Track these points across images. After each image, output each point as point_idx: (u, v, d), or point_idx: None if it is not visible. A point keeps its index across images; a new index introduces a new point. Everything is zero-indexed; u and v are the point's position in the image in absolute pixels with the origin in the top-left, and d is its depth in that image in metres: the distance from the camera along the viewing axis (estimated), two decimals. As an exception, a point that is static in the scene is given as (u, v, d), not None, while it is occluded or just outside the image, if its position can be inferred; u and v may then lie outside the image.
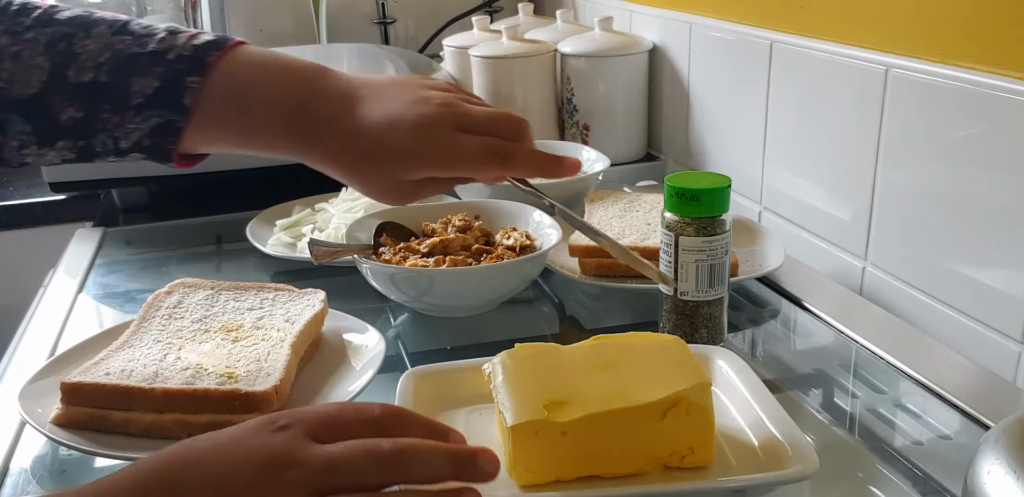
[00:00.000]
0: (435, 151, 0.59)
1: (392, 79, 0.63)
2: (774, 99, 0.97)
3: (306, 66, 0.63)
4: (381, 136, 0.59)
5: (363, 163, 0.60)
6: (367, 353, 0.70)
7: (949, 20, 0.74)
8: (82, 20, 0.61)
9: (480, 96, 1.24)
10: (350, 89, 0.62)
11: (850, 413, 0.68)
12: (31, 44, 0.60)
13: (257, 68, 0.61)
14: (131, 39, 0.60)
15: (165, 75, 0.59)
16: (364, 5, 1.65)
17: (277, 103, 0.60)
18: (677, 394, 0.54)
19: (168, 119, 0.59)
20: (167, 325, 0.71)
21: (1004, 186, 0.70)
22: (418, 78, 0.64)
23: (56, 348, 0.79)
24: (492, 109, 0.62)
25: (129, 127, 0.60)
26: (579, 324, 0.86)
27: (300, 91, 0.61)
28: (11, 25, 0.60)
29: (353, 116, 0.60)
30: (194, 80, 0.59)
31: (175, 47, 0.60)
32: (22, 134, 0.60)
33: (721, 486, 0.54)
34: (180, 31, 0.62)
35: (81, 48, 0.60)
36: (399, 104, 0.60)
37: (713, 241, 0.68)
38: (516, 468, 0.54)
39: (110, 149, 0.61)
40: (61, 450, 0.65)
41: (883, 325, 0.78)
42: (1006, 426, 0.47)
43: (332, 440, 0.45)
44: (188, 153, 0.63)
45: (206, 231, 1.08)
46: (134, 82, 0.59)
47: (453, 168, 0.60)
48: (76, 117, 0.59)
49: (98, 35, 0.60)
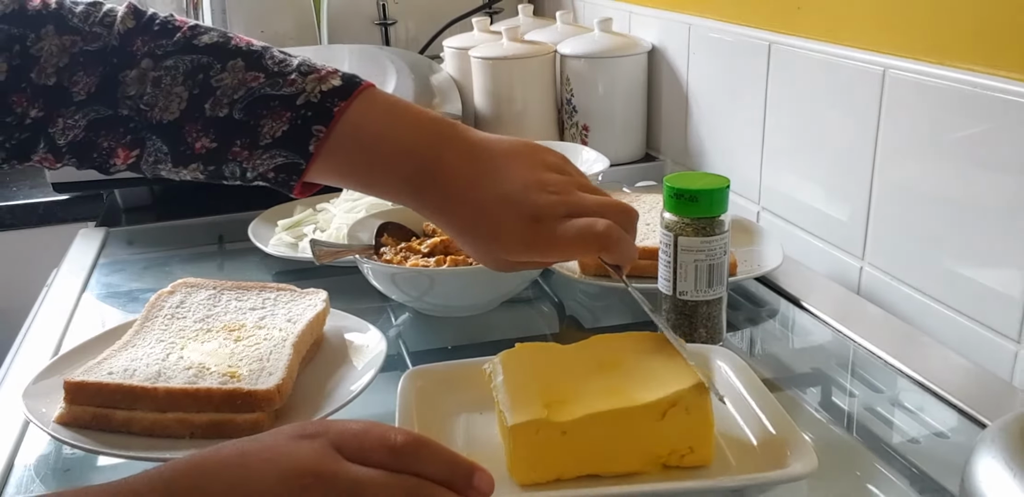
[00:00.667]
0: (541, 242, 0.61)
1: (513, 147, 0.64)
2: (772, 100, 0.98)
3: (432, 123, 0.64)
4: (494, 216, 0.61)
5: (471, 234, 0.62)
6: (368, 353, 0.71)
7: (947, 21, 0.74)
8: (220, 49, 0.63)
9: (480, 96, 1.25)
10: (473, 156, 0.62)
11: (848, 412, 0.69)
12: (171, 72, 0.62)
13: (383, 120, 0.63)
14: (264, 78, 0.62)
15: (293, 120, 0.62)
16: (365, 6, 1.65)
17: (400, 160, 0.62)
18: (676, 393, 0.55)
19: (293, 161, 0.62)
20: (170, 325, 0.71)
21: (1001, 186, 0.70)
22: (537, 150, 0.65)
23: (59, 348, 0.80)
24: (603, 198, 0.63)
25: (257, 162, 0.62)
26: (579, 324, 0.86)
27: (423, 152, 0.62)
28: (154, 48, 0.63)
29: (474, 189, 0.61)
30: (319, 129, 0.61)
31: (305, 92, 0.62)
32: (159, 152, 0.63)
33: (720, 485, 0.55)
34: (312, 71, 0.63)
35: (217, 82, 0.62)
36: (518, 186, 0.61)
37: (712, 241, 0.68)
38: (516, 467, 0.55)
39: (237, 176, 0.64)
40: (65, 449, 0.65)
41: (881, 324, 0.79)
42: (1003, 425, 0.47)
43: (353, 458, 0.45)
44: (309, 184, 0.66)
45: (208, 231, 1.08)
46: (264, 123, 0.62)
47: (553, 256, 0.62)
48: (210, 147, 0.62)
49: (233, 69, 0.62)
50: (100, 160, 0.64)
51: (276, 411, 0.63)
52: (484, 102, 1.25)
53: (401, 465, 0.45)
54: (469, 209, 0.61)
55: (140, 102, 0.62)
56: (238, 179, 0.64)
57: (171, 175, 0.65)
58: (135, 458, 0.60)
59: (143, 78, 0.62)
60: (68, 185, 1.11)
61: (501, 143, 0.64)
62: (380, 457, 0.45)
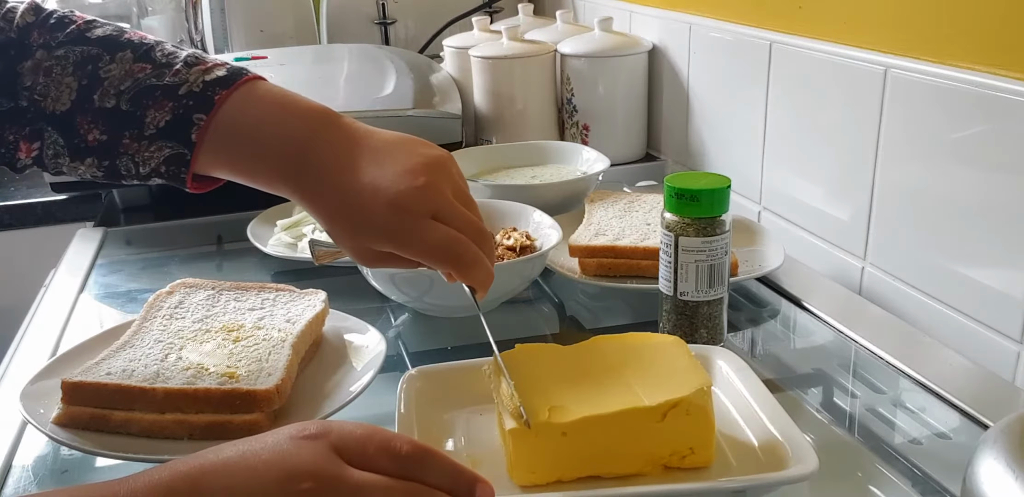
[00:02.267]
0: (401, 234, 0.59)
1: (395, 139, 0.63)
2: (773, 99, 0.98)
3: (314, 111, 0.63)
4: (360, 201, 0.60)
5: (338, 220, 0.61)
6: (368, 353, 0.70)
7: (948, 20, 0.74)
8: (110, 42, 0.64)
9: (480, 96, 1.25)
10: (351, 144, 0.62)
11: (849, 413, 0.69)
12: (61, 61, 0.63)
13: (266, 109, 0.62)
14: (151, 69, 0.63)
15: (176, 110, 0.62)
16: (364, 5, 1.65)
17: (280, 147, 0.61)
18: (677, 395, 0.54)
19: (178, 151, 0.62)
20: (168, 325, 0.71)
21: (1003, 186, 0.70)
22: (420, 144, 0.63)
23: (57, 348, 0.79)
24: (469, 215, 0.61)
25: (146, 155, 0.63)
26: (579, 324, 0.86)
27: (303, 138, 0.61)
28: (48, 39, 0.64)
29: (346, 174, 0.61)
30: (200, 117, 0.61)
31: (188, 82, 0.62)
32: (57, 145, 0.63)
33: (721, 486, 0.54)
34: (198, 62, 0.63)
35: (105, 73, 0.63)
36: (389, 173, 0.60)
37: (713, 241, 0.68)
38: (517, 469, 0.54)
39: (133, 173, 0.64)
40: (62, 450, 0.65)
41: (882, 325, 0.78)
42: (1005, 425, 0.47)
43: (355, 463, 0.45)
44: (204, 179, 0.65)
45: (207, 231, 1.08)
46: (149, 114, 0.62)
47: (410, 253, 0.60)
48: (101, 139, 0.63)
49: (121, 60, 0.63)
50: (8, 156, 0.64)
51: (275, 412, 0.63)
52: (484, 102, 1.25)
53: (404, 473, 0.45)
54: (339, 194, 0.60)
55: (35, 92, 0.63)
56: (134, 177, 0.64)
57: (72, 172, 0.65)
58: (133, 459, 0.59)
59: (37, 68, 0.63)
60: (66, 185, 1.10)
61: (384, 134, 0.64)
62: (384, 464, 0.45)
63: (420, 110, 1.15)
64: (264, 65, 1.31)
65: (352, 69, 1.35)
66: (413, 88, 1.21)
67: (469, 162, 1.08)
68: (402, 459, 0.45)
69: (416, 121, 1.14)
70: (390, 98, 1.17)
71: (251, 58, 1.35)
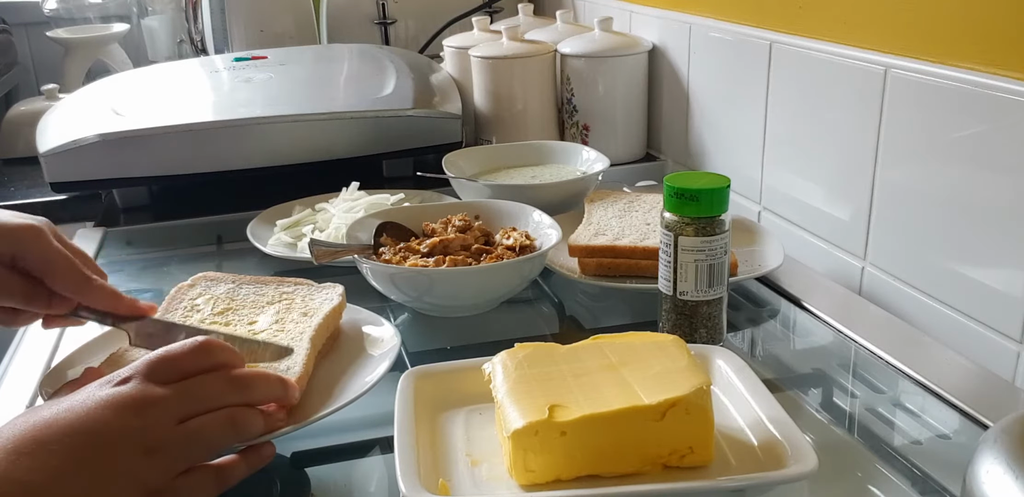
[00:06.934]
0: None
1: None
2: (773, 99, 0.98)
3: None
4: None
5: None
6: (383, 346, 0.71)
7: (948, 20, 0.74)
8: None
9: (480, 96, 1.25)
10: None
11: (849, 413, 0.69)
12: None
13: None
14: None
15: None
16: (364, 5, 1.65)
17: None
18: (676, 394, 0.54)
19: None
20: (188, 318, 0.72)
21: (1003, 186, 0.70)
22: None
23: (57, 348, 0.79)
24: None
25: None
26: (579, 324, 0.86)
27: None
28: None
29: None
30: None
31: None
32: None
33: (721, 486, 0.54)
34: None
35: None
36: None
37: (712, 241, 0.68)
38: (516, 468, 0.54)
39: None
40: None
41: (882, 325, 0.78)
42: (1005, 426, 0.47)
43: (176, 377, 0.53)
44: None
45: (207, 231, 1.08)
46: None
47: None
48: None
49: None
50: None
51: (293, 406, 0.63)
52: (484, 102, 1.25)
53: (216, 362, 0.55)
54: None
55: None
56: None
57: None
58: None
59: None
60: (66, 185, 1.10)
61: None
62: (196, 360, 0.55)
63: (420, 110, 1.15)
64: (264, 65, 1.31)
65: (352, 69, 1.35)
66: (413, 88, 1.21)
67: (469, 162, 1.08)
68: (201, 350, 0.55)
69: (416, 121, 1.14)
70: (390, 98, 1.17)
71: (251, 58, 1.35)
